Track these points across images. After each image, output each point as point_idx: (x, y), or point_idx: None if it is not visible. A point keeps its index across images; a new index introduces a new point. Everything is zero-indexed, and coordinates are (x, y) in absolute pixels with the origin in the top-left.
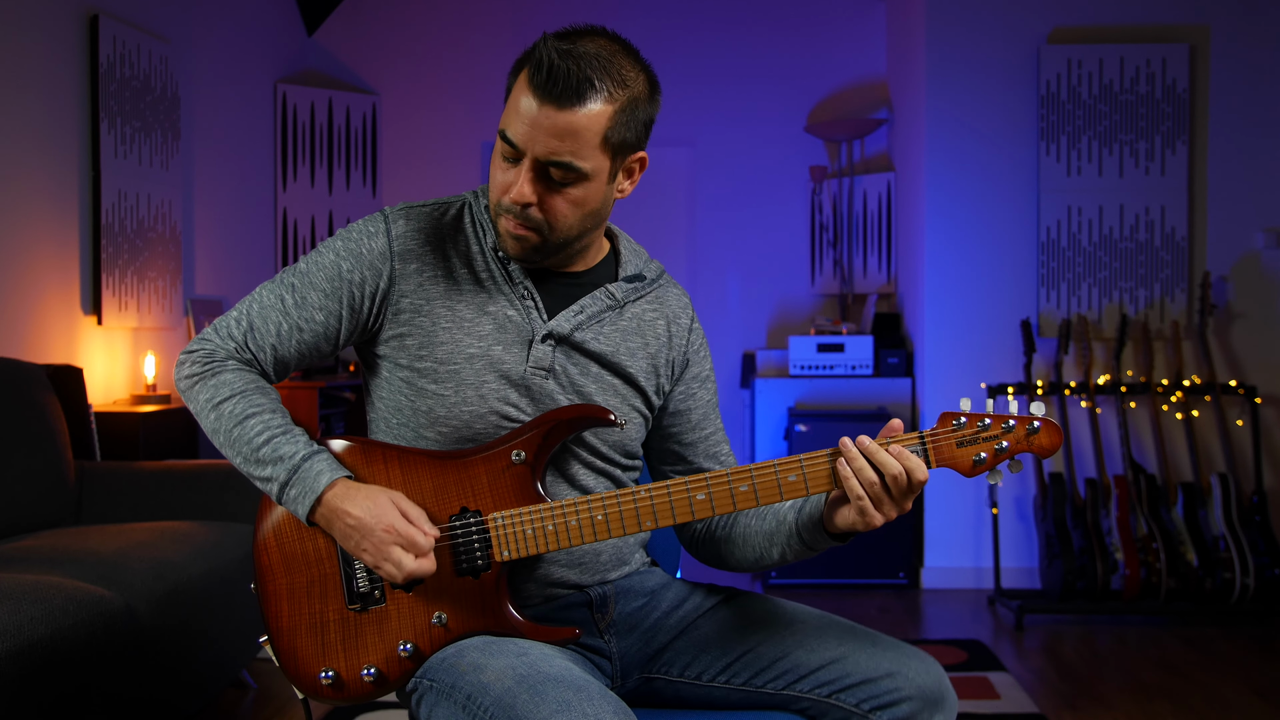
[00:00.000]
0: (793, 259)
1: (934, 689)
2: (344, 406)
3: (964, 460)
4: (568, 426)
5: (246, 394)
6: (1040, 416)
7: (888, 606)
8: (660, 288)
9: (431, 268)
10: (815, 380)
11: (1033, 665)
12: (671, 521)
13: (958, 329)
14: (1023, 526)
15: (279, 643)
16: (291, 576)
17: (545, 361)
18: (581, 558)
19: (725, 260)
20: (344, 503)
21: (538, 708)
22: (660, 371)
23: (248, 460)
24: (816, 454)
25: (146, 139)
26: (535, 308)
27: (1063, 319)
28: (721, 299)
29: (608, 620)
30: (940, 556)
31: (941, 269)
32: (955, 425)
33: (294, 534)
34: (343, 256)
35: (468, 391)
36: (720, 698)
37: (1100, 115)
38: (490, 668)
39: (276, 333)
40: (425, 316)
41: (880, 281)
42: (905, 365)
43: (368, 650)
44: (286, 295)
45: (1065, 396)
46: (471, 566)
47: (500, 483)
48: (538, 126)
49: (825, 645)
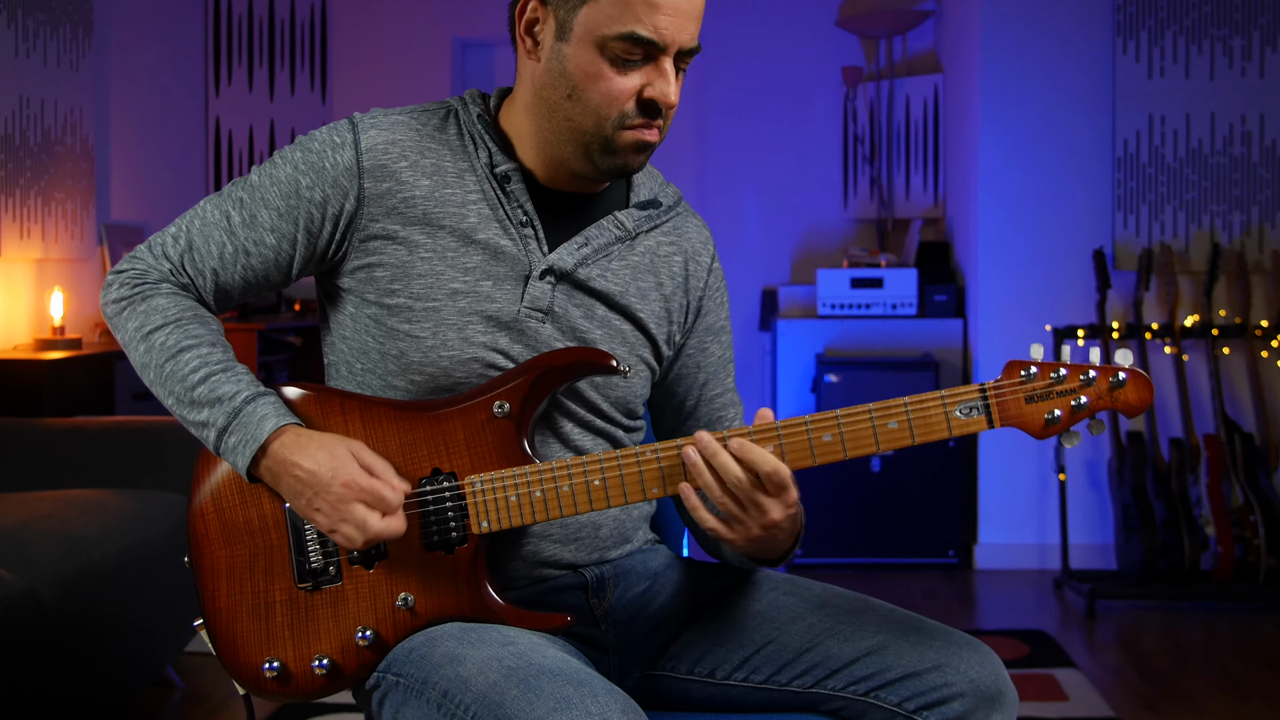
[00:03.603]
0: (822, 179)
1: (990, 683)
2: (287, 353)
3: (1034, 419)
4: (561, 374)
5: (182, 323)
6: (1127, 367)
7: (935, 591)
8: (678, 217)
9: (409, 187)
10: (848, 322)
11: (1107, 660)
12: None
13: (1018, 261)
14: (1095, 496)
15: (216, 627)
16: (232, 549)
17: (543, 302)
18: (577, 532)
19: (741, 181)
20: (293, 453)
21: (531, 706)
22: (673, 317)
23: (181, 401)
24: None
25: (53, 35)
26: (534, 237)
27: (1142, 249)
28: (737, 226)
29: (605, 606)
30: (997, 531)
31: (998, 189)
32: (1024, 376)
33: (236, 498)
34: (301, 170)
35: (448, 334)
36: (737, 698)
37: (1189, 6)
38: (470, 659)
39: (219, 255)
40: (400, 244)
41: (925, 204)
42: (955, 304)
43: (320, 637)
44: (234, 212)
45: (1146, 341)
46: (444, 539)
47: (480, 439)
48: (683, 14)
49: (861, 634)
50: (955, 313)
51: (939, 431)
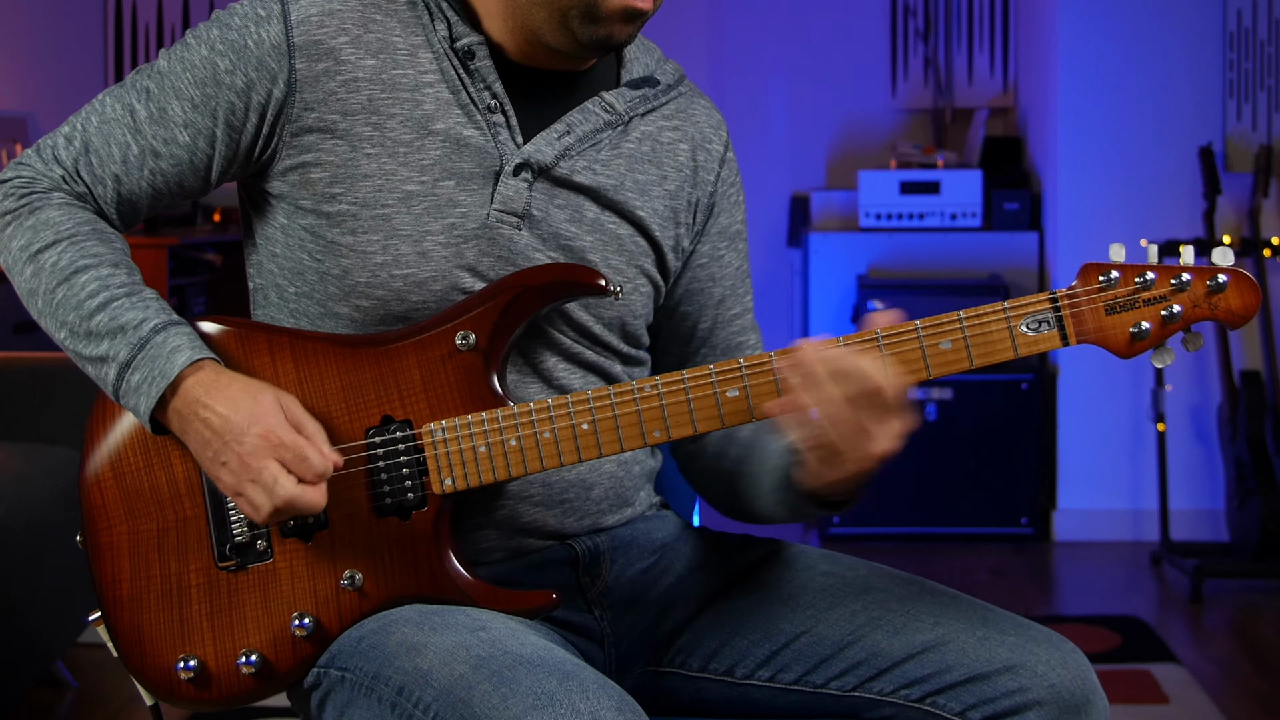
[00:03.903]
0: (865, 59)
1: (1074, 689)
2: (205, 274)
3: (1117, 333)
4: (538, 295)
5: (78, 239)
6: (1227, 268)
7: (1004, 568)
8: (681, 98)
9: (350, 67)
10: (897, 236)
11: (1216, 653)
12: (690, 431)
13: (1106, 161)
14: (1202, 450)
15: (117, 620)
16: (135, 522)
17: (518, 203)
18: (564, 492)
19: (764, 63)
20: (208, 393)
21: (504, 703)
22: (681, 218)
23: (75, 333)
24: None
25: None
26: (506, 125)
27: (1260, 145)
28: (760, 118)
29: (600, 587)
30: (1081, 495)
31: (1082, 73)
32: (1103, 282)
33: (140, 459)
34: (219, 51)
35: (401, 247)
36: (762, 701)
37: None
38: (432, 648)
39: (122, 158)
40: (340, 139)
41: (993, 91)
42: (1029, 214)
43: (246, 628)
44: (139, 105)
45: (1264, 259)
46: (398, 503)
47: (439, 378)
48: None
49: (916, 625)
50: (1029, 225)
51: (1002, 351)
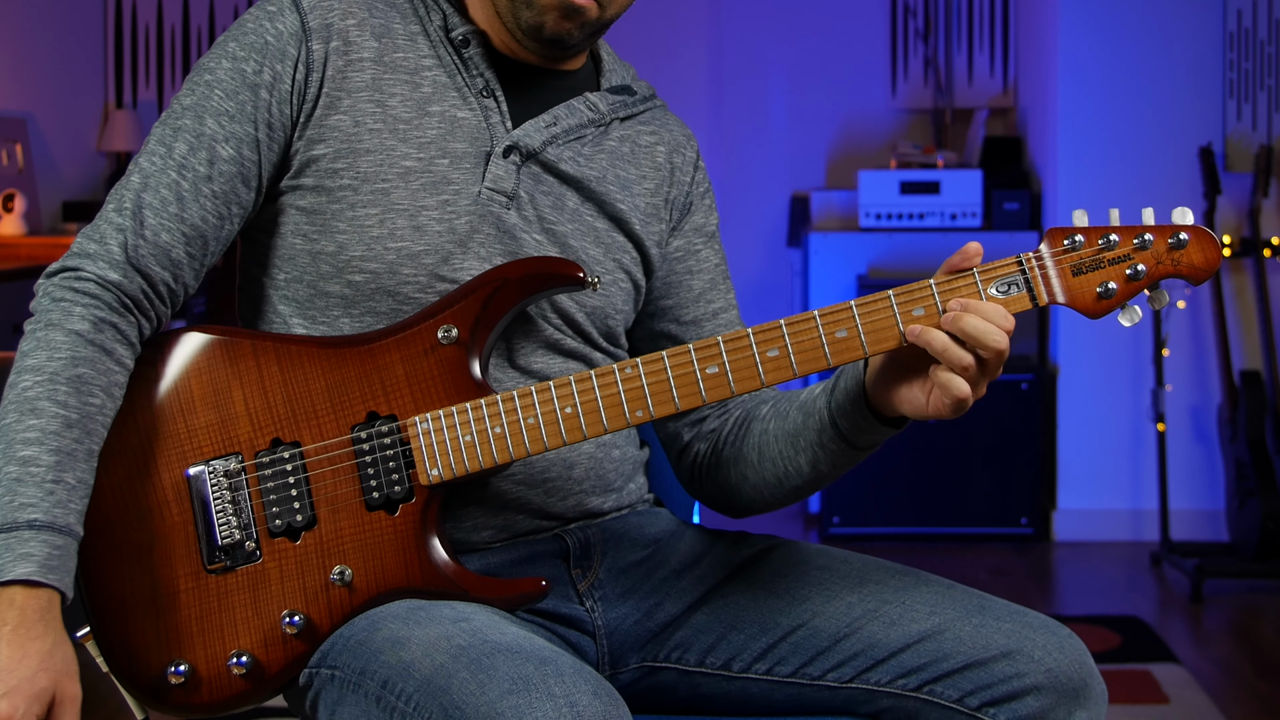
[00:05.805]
0: (864, 59)
1: (1071, 673)
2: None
3: (1084, 293)
4: (518, 288)
5: (57, 381)
6: (1186, 225)
7: (1004, 568)
8: (657, 109)
9: (357, 47)
10: (897, 236)
11: (1216, 653)
12: (672, 409)
13: (1106, 160)
14: (1202, 450)
15: (107, 633)
16: (121, 534)
17: (507, 183)
18: (545, 471)
19: (764, 62)
20: (9, 622)
21: (482, 689)
22: (662, 215)
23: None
24: (874, 298)
25: None
26: (497, 110)
27: (1260, 146)
28: (759, 119)
29: (592, 579)
30: (1081, 495)
31: (1082, 73)
32: (1068, 245)
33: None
34: (242, 58)
35: (398, 220)
36: (759, 695)
37: None
38: (415, 641)
39: (176, 197)
40: (344, 114)
41: (993, 91)
42: (1029, 213)
43: (236, 629)
44: (176, 143)
45: (1265, 259)
46: (385, 496)
47: (422, 372)
48: None
49: (912, 615)
50: (1029, 224)
51: None
